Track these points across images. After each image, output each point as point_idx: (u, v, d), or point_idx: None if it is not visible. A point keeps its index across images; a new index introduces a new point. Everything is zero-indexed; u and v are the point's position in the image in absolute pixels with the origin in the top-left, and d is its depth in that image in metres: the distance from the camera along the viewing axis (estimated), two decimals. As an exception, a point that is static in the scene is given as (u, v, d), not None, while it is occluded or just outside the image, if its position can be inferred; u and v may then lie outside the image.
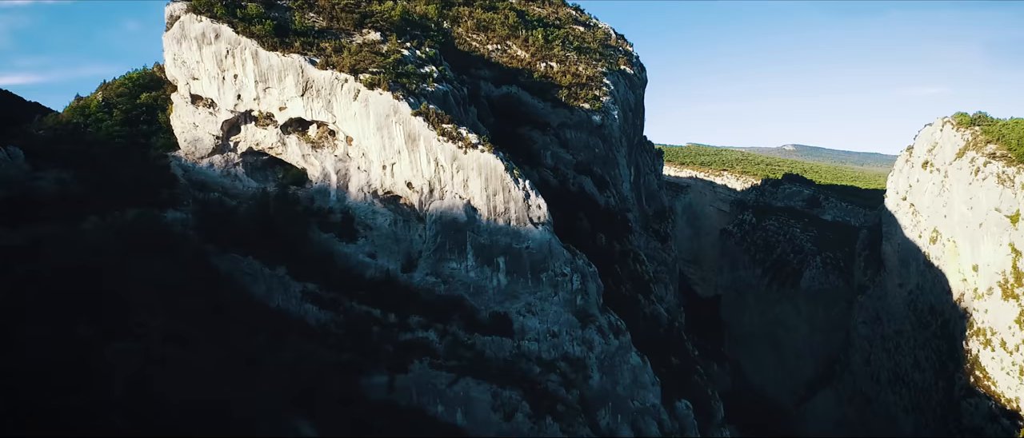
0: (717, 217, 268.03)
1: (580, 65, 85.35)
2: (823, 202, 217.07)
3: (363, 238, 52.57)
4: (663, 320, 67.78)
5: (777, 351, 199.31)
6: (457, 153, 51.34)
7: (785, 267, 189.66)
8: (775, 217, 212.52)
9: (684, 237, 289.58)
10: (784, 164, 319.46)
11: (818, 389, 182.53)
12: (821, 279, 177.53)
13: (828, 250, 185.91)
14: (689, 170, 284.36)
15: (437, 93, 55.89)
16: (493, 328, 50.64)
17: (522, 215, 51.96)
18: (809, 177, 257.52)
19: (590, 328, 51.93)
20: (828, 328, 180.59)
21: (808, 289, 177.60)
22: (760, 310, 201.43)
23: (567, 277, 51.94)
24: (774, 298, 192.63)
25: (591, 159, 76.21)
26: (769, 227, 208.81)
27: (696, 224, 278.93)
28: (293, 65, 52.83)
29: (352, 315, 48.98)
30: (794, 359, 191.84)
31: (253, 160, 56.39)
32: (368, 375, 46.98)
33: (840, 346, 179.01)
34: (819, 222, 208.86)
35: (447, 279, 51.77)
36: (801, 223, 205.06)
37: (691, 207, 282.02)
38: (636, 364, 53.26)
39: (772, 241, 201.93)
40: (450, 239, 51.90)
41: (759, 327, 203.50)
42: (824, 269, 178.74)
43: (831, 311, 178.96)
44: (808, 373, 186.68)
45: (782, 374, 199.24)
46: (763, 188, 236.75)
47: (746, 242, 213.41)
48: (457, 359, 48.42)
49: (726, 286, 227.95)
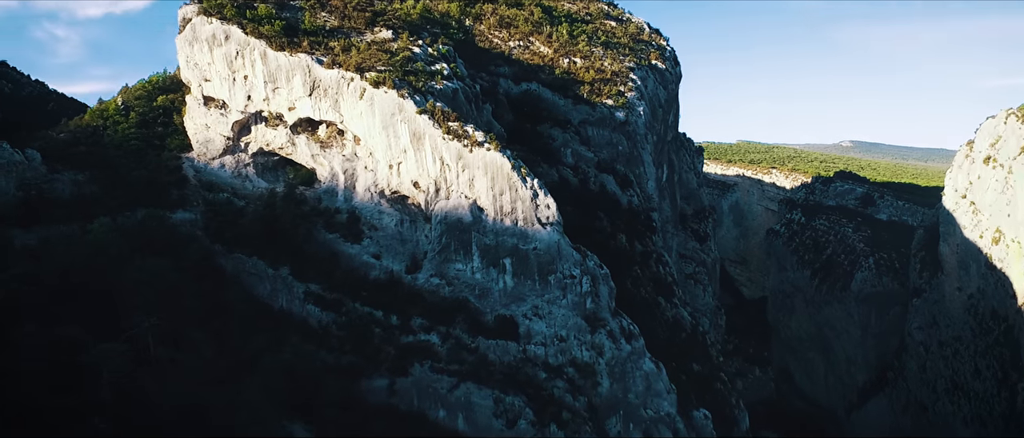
0: (765, 216, 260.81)
1: (606, 60, 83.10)
2: (877, 200, 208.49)
3: (368, 238, 51.91)
4: (686, 324, 65.01)
5: (827, 356, 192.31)
6: (462, 152, 50.12)
7: (835, 269, 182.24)
8: (825, 216, 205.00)
9: (731, 237, 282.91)
10: (839, 161, 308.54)
11: (870, 396, 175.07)
12: (874, 281, 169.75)
13: (882, 251, 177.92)
14: (736, 168, 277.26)
15: (446, 91, 54.80)
16: (498, 331, 49.19)
17: (529, 215, 50.34)
18: (865, 174, 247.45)
19: (600, 332, 49.91)
20: (881, 333, 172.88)
21: (859, 292, 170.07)
22: (809, 313, 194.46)
23: (576, 279, 50.07)
24: (823, 300, 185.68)
25: (614, 157, 73.92)
26: (819, 227, 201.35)
27: (743, 224, 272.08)
28: (300, 65, 52.57)
29: (354, 317, 48.32)
30: (845, 364, 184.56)
31: (264, 161, 56.47)
32: (369, 378, 46.23)
33: (894, 352, 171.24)
34: (873, 221, 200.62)
35: (452, 281, 50.60)
36: (853, 222, 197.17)
37: (738, 206, 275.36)
38: (650, 370, 50.95)
39: (822, 241, 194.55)
40: (455, 240, 50.72)
41: (807, 331, 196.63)
42: (877, 271, 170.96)
43: (885, 315, 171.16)
44: (860, 379, 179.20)
45: (833, 380, 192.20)
46: (813, 186, 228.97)
47: (794, 242, 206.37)
48: (459, 363, 47.19)
49: (773, 288, 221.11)
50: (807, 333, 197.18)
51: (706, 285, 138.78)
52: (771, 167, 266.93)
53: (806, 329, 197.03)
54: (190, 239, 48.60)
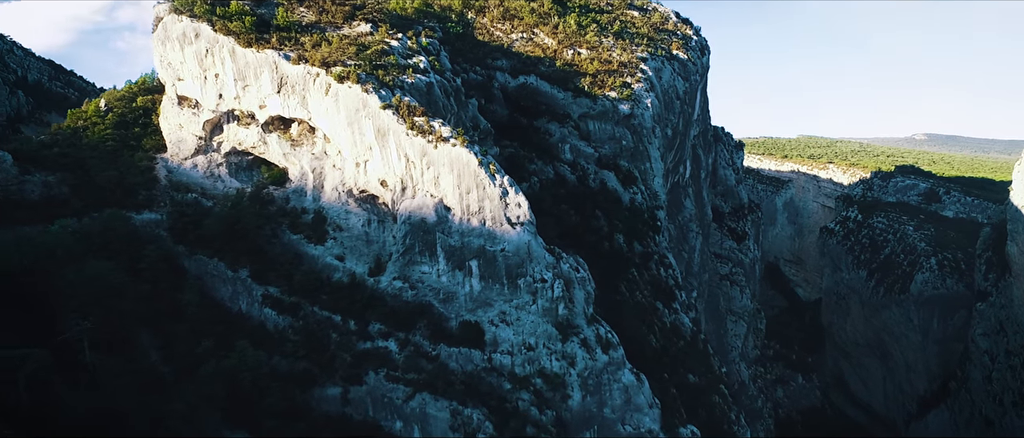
0: (821, 214, 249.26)
1: (615, 51, 78.93)
2: (943, 196, 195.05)
3: (332, 239, 49.95)
4: (685, 331, 60.46)
5: (885, 362, 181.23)
6: (427, 148, 47.47)
7: (894, 269, 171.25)
8: (883, 213, 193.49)
9: (785, 236, 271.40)
10: (909, 155, 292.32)
11: (931, 407, 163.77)
12: (936, 283, 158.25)
13: (946, 251, 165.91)
14: (791, 164, 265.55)
15: (418, 84, 52.26)
16: (461, 338, 46.33)
17: (498, 214, 47.25)
18: (936, 169, 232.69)
19: (572, 341, 46.35)
20: (945, 339, 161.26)
21: (920, 294, 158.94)
22: (865, 316, 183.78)
23: (547, 283, 46.65)
24: (880, 303, 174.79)
25: (617, 152, 69.86)
26: (876, 225, 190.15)
27: (798, 222, 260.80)
28: (267, 61, 51.12)
29: (312, 321, 46.41)
30: (904, 371, 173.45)
31: (238, 160, 55.38)
32: (322, 386, 44.23)
33: (958, 360, 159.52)
34: (937, 219, 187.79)
35: (415, 284, 48.05)
36: (915, 220, 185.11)
37: (792, 203, 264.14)
38: (629, 383, 47.03)
39: (879, 240, 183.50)
40: (420, 241, 48.15)
41: (863, 335, 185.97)
42: (940, 272, 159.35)
43: (949, 320, 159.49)
44: (920, 388, 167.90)
45: (891, 388, 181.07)
46: (871, 182, 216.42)
47: (849, 241, 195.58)
48: (417, 371, 44.59)
49: (827, 289, 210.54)
50: (863, 337, 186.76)
51: (744, 286, 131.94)
52: (828, 162, 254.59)
53: (862, 333, 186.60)
54: (151, 240, 47.77)
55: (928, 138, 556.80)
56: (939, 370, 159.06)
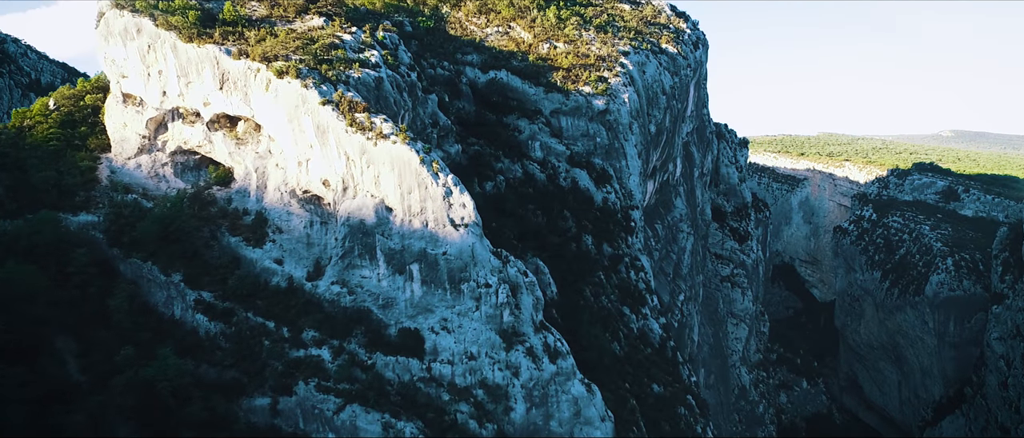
0: (837, 212, 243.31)
1: (595, 44, 75.97)
2: (962, 194, 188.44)
3: (271, 242, 47.89)
4: (654, 338, 57.43)
5: (900, 366, 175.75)
6: (366, 145, 45.14)
7: (909, 270, 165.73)
8: (899, 212, 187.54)
9: (801, 235, 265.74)
10: (932, 152, 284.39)
11: (946, 414, 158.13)
12: (952, 285, 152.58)
13: (963, 251, 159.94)
14: (807, 161, 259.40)
15: (365, 79, 49.96)
16: (400, 347, 43.95)
17: (441, 215, 44.78)
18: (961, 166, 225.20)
19: (517, 350, 43.70)
20: (961, 342, 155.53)
21: (935, 296, 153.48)
22: (879, 319, 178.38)
23: (491, 288, 44.05)
24: (895, 305, 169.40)
25: (590, 149, 67.02)
26: (891, 224, 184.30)
27: (813, 221, 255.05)
28: (208, 56, 49.22)
29: (245, 328, 44.38)
30: (919, 376, 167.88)
31: (184, 160, 53.64)
32: (250, 396, 42.17)
33: (974, 365, 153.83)
34: (955, 218, 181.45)
35: (354, 289, 45.75)
36: (932, 219, 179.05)
37: (808, 202, 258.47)
38: (579, 394, 44.24)
39: (894, 240, 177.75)
40: (359, 243, 45.85)
41: (878, 338, 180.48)
42: (956, 273, 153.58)
43: (965, 323, 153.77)
44: (936, 393, 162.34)
45: (906, 393, 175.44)
46: (887, 180, 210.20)
47: (863, 241, 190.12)
48: (349, 381, 42.31)
49: (841, 290, 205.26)
50: (877, 340, 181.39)
51: (746, 289, 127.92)
52: (845, 160, 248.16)
53: (876, 336, 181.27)
54: (85, 243, 46.15)
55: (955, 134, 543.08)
56: (955, 375, 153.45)
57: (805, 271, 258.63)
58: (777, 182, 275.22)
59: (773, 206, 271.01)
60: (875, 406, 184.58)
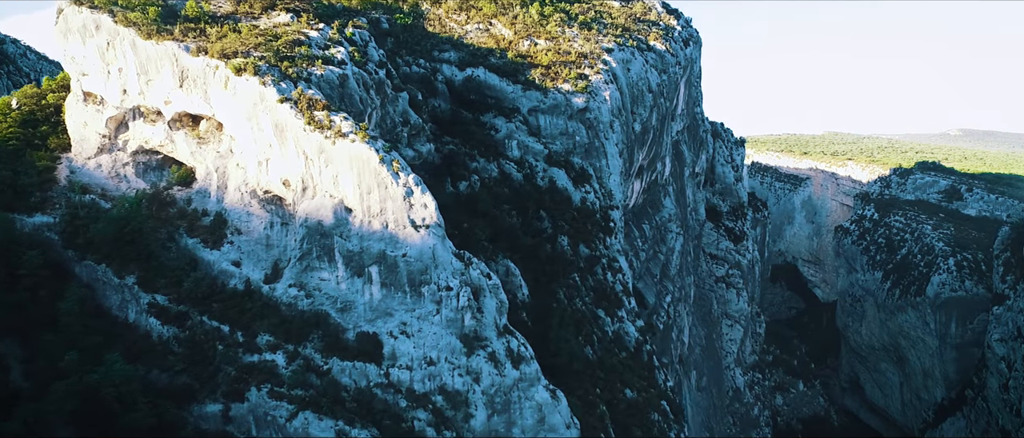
0: (840, 212, 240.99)
1: (577, 41, 74.47)
2: (965, 193, 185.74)
3: (229, 244, 46.67)
4: (629, 342, 55.89)
5: (901, 368, 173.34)
6: (324, 144, 43.87)
7: (910, 270, 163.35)
8: (901, 212, 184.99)
9: (803, 235, 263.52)
10: (939, 151, 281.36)
11: (947, 416, 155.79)
12: (953, 285, 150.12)
13: (966, 251, 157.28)
14: (810, 161, 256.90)
15: (328, 77, 48.68)
16: (358, 351, 42.66)
17: (401, 216, 43.46)
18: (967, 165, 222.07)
19: (478, 355, 42.31)
20: (963, 344, 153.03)
21: (936, 297, 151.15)
22: (880, 320, 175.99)
23: (453, 292, 42.69)
24: (896, 306, 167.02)
25: (569, 148, 65.52)
26: (893, 223, 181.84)
27: (816, 220, 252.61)
28: (168, 54, 48.06)
29: (199, 332, 43.19)
30: (921, 378, 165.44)
31: (146, 160, 52.51)
32: (201, 402, 40.99)
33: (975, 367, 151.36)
34: (958, 217, 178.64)
35: (312, 292, 44.50)
36: (934, 219, 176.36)
37: (811, 202, 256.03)
38: (543, 401, 42.82)
39: (896, 240, 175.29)
40: (317, 245, 44.60)
41: (879, 339, 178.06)
42: (958, 273, 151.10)
43: (967, 324, 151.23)
44: (938, 395, 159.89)
45: (908, 395, 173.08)
46: (889, 179, 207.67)
47: (864, 241, 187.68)
48: (304, 387, 41.07)
49: (842, 291, 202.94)
50: (879, 341, 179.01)
51: (741, 289, 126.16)
52: (847, 159, 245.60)
53: (878, 337, 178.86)
54: (38, 244, 45.07)
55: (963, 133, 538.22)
56: (957, 377, 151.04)
57: (808, 271, 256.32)
58: (780, 181, 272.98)
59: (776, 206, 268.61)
60: (877, 408, 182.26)
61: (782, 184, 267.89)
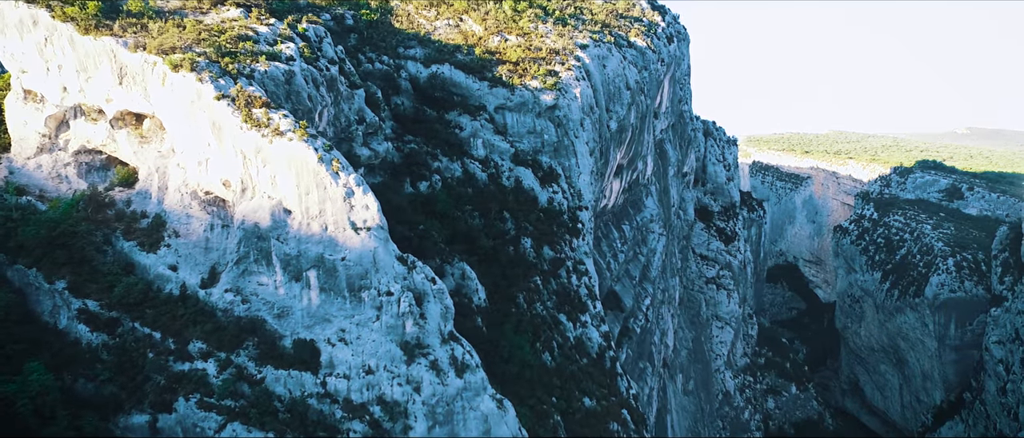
0: (841, 211, 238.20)
1: (550, 37, 72.40)
2: (966, 192, 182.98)
3: (166, 247, 44.84)
4: (592, 348, 53.76)
5: (901, 370, 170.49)
6: (261, 143, 41.99)
7: (909, 271, 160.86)
8: (901, 211, 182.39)
9: (804, 235, 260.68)
10: (945, 150, 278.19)
11: (945, 419, 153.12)
12: (953, 286, 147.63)
13: (966, 251, 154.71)
14: (811, 160, 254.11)
15: (272, 73, 46.83)
16: (294, 360, 40.74)
17: (341, 218, 41.55)
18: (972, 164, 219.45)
19: (419, 363, 40.33)
20: (962, 346, 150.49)
21: (935, 298, 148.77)
22: (880, 320, 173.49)
23: (393, 297, 40.73)
24: (895, 307, 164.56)
25: (537, 147, 63.48)
26: (892, 223, 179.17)
27: (817, 220, 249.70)
28: (105, 50, 46.30)
29: (130, 339, 41.36)
30: (920, 380, 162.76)
31: (89, 160, 50.80)
32: (128, 413, 39.17)
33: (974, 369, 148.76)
34: (958, 217, 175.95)
35: (249, 297, 42.62)
36: (934, 218, 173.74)
37: (812, 201, 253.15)
38: (489, 411, 40.79)
39: (895, 240, 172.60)
40: (254, 248, 42.73)
41: (879, 340, 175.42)
42: (957, 274, 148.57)
43: (967, 325, 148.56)
44: (937, 398, 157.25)
45: (908, 397, 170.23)
46: (889, 178, 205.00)
47: (863, 241, 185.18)
48: (234, 397, 39.19)
49: (841, 291, 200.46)
50: (878, 342, 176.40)
51: (731, 290, 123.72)
52: (848, 158, 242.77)
53: (877, 338, 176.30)
54: (-31, 248, 43.50)
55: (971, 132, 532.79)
56: (956, 379, 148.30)
57: (809, 271, 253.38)
58: (781, 181, 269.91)
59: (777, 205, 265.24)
60: (877, 410, 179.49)
61: (783, 183, 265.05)
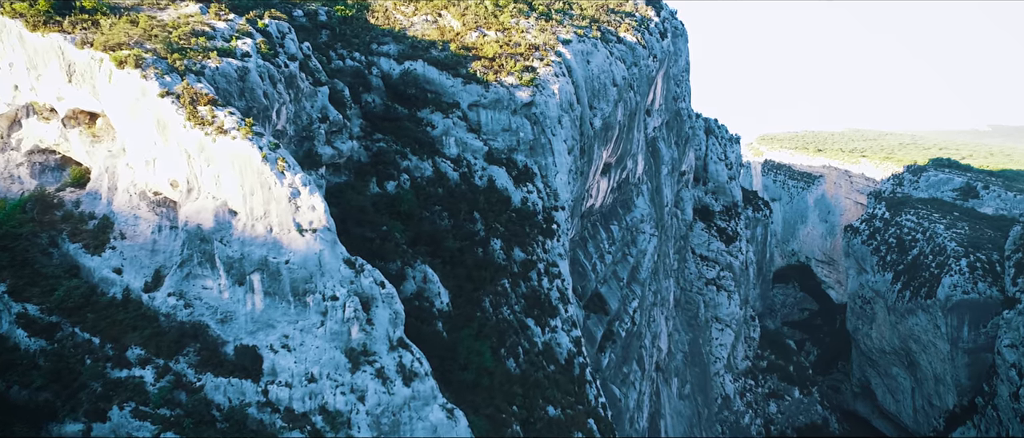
0: (854, 210, 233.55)
1: (531, 32, 70.37)
2: (981, 191, 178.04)
3: (111, 249, 43.55)
4: (561, 354, 51.66)
5: (913, 373, 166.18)
6: (205, 142, 40.50)
7: (921, 272, 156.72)
8: (913, 211, 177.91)
9: (817, 234, 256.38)
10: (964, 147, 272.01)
11: (957, 425, 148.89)
12: (965, 287, 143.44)
13: (979, 251, 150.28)
14: (823, 158, 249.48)
15: (224, 70, 45.34)
16: (235, 367, 39.20)
17: (286, 220, 39.94)
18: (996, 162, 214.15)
19: (364, 371, 38.58)
20: (975, 349, 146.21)
21: (947, 299, 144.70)
22: (891, 322, 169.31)
23: (339, 302, 39.04)
24: (906, 309, 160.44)
25: (512, 145, 61.50)
26: (905, 223, 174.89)
27: (829, 219, 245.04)
28: (53, 46, 45.13)
29: (69, 345, 40.09)
30: (932, 384, 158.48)
31: (42, 160, 49.74)
32: (61, 422, 37.88)
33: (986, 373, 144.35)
34: (974, 216, 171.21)
35: (192, 301, 41.16)
36: (947, 218, 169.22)
37: (824, 200, 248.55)
38: (438, 422, 38.94)
39: (907, 240, 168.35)
40: (198, 251, 41.27)
41: (890, 342, 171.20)
42: (971, 275, 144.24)
43: (980, 328, 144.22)
44: (949, 402, 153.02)
45: (920, 401, 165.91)
46: (902, 177, 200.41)
47: (874, 241, 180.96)
48: (170, 406, 37.73)
49: (852, 292, 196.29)
50: (889, 345, 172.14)
51: (732, 292, 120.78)
52: (861, 156, 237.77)
53: (888, 340, 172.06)
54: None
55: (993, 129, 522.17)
56: (969, 383, 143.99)
57: (821, 271, 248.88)
58: (793, 179, 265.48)
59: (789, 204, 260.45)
60: (889, 414, 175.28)
61: (795, 182, 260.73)
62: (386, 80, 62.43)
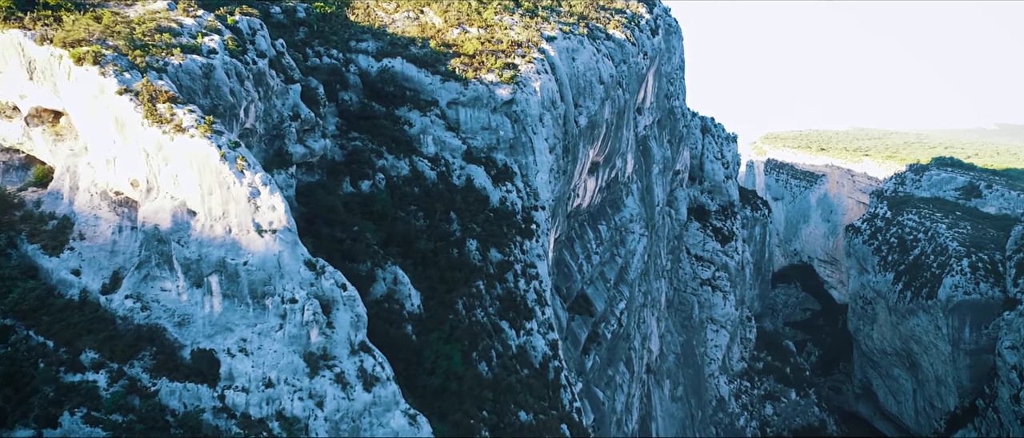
0: (856, 210, 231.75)
1: (515, 29, 69.09)
2: (984, 190, 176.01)
3: (70, 250, 42.56)
4: (536, 357, 50.40)
5: (914, 374, 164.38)
6: (162, 140, 39.45)
7: (922, 272, 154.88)
8: (915, 210, 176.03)
9: (819, 234, 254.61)
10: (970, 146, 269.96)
11: (958, 427, 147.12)
12: (967, 288, 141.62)
13: (982, 251, 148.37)
14: (826, 157, 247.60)
15: (188, 67, 44.26)
16: (192, 371, 38.14)
17: (245, 220, 38.85)
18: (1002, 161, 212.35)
19: (323, 376, 37.45)
20: (977, 350, 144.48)
21: (948, 300, 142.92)
22: (892, 323, 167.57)
23: (298, 304, 37.94)
24: (908, 309, 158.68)
25: (492, 144, 60.27)
26: (906, 222, 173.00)
27: (832, 219, 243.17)
28: (13, 43, 44.17)
29: (23, 348, 39.04)
30: (934, 385, 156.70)
31: (7, 159, 48.78)
32: (11, 427, 36.90)
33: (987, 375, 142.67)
34: (976, 215, 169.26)
35: (149, 304, 40.11)
36: (950, 217, 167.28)
37: (826, 199, 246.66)
38: (400, 428, 37.78)
39: (909, 240, 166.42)
40: (156, 252, 40.22)
41: (891, 343, 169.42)
42: (972, 275, 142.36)
43: (982, 328, 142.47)
44: (951, 404, 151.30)
45: (921, 402, 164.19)
46: (904, 176, 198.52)
47: (876, 240, 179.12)
48: (124, 411, 36.71)
49: (853, 292, 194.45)
50: (891, 346, 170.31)
51: (727, 292, 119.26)
52: (864, 155, 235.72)
53: (890, 341, 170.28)
54: None
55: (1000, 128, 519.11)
56: (971, 385, 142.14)
57: (823, 271, 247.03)
58: (795, 179, 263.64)
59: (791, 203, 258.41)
60: (890, 415, 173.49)
61: (798, 181, 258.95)
62: (364, 78, 61.34)
